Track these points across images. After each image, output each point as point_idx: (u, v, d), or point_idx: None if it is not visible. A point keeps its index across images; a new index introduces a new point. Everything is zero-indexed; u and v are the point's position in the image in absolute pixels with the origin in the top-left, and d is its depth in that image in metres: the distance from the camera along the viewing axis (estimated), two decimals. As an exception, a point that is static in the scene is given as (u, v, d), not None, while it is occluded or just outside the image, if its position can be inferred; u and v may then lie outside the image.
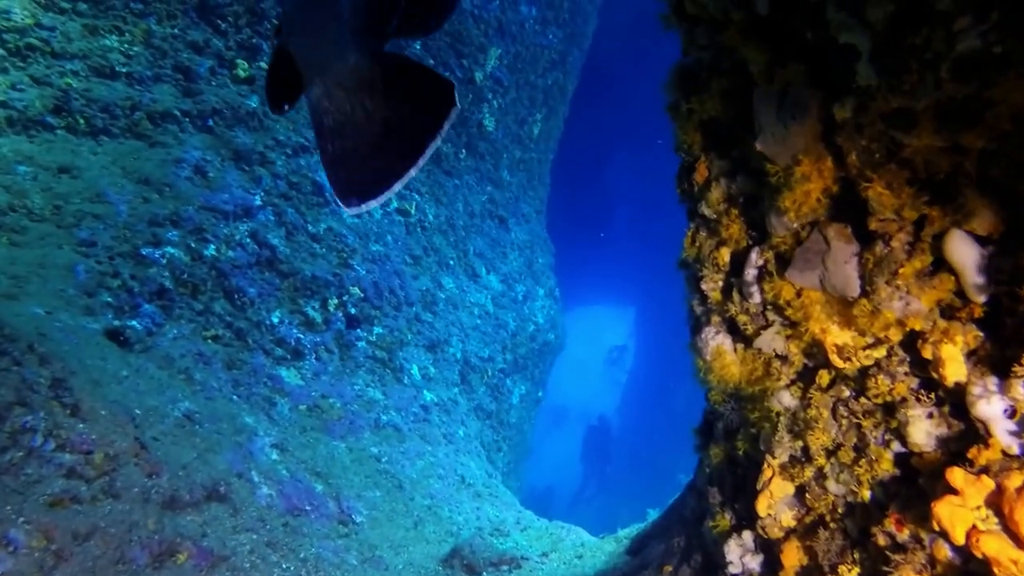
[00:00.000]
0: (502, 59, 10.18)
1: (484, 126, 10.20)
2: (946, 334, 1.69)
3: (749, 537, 2.46)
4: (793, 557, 2.19)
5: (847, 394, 2.01)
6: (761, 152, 1.94)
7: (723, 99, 2.23)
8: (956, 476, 1.62)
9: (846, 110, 1.67)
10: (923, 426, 1.78)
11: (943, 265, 1.67)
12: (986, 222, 1.56)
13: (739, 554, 2.48)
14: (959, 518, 1.60)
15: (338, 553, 4.86)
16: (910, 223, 1.70)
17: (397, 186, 1.78)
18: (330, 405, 6.34)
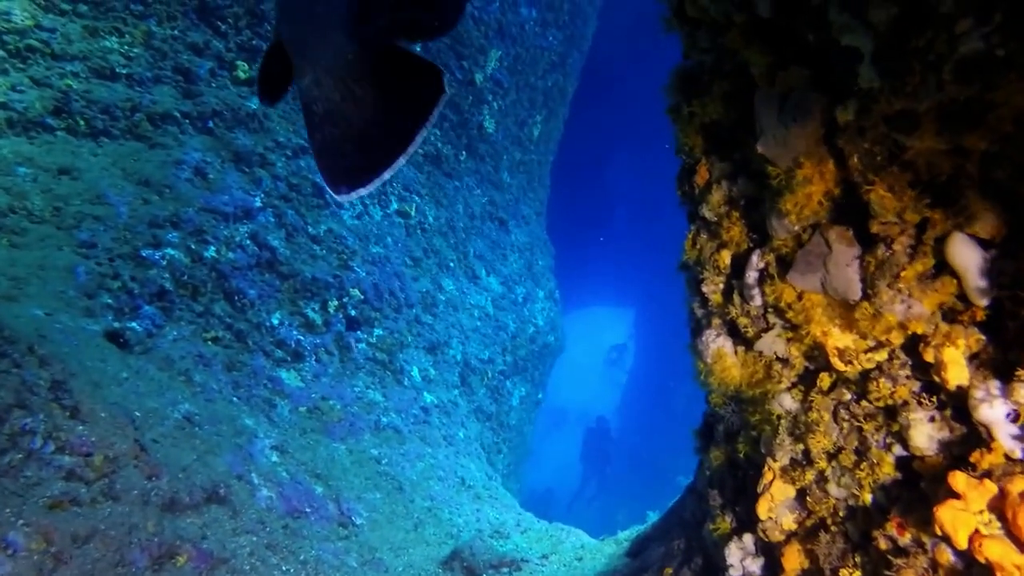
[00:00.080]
0: (502, 61, 10.18)
1: (484, 128, 10.19)
2: (948, 337, 1.69)
3: (750, 540, 2.46)
4: (794, 560, 2.19)
5: (848, 397, 2.00)
6: (762, 154, 1.94)
7: (724, 102, 2.23)
8: (958, 480, 1.61)
9: (848, 112, 1.67)
10: (925, 430, 1.77)
11: (945, 268, 1.67)
12: (988, 225, 1.55)
13: (740, 557, 2.47)
14: (961, 522, 1.59)
15: (338, 555, 4.85)
16: (912, 226, 1.70)
17: (387, 174, 1.77)
18: (330, 407, 6.33)
